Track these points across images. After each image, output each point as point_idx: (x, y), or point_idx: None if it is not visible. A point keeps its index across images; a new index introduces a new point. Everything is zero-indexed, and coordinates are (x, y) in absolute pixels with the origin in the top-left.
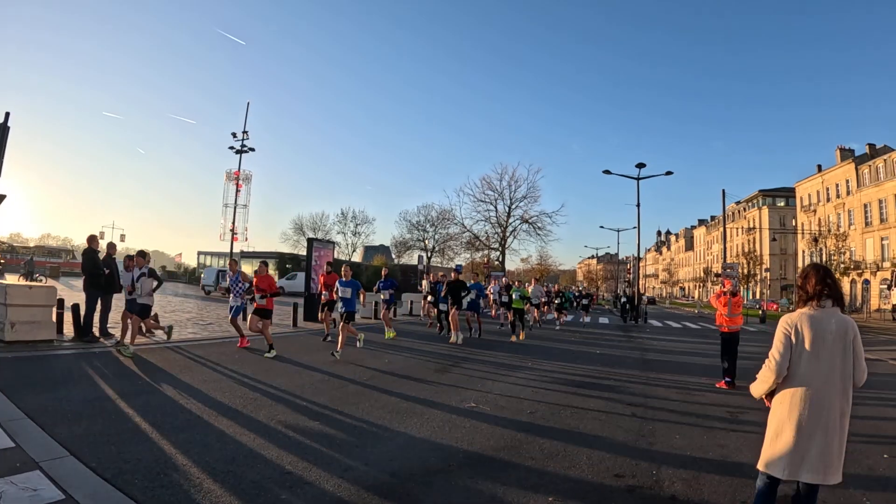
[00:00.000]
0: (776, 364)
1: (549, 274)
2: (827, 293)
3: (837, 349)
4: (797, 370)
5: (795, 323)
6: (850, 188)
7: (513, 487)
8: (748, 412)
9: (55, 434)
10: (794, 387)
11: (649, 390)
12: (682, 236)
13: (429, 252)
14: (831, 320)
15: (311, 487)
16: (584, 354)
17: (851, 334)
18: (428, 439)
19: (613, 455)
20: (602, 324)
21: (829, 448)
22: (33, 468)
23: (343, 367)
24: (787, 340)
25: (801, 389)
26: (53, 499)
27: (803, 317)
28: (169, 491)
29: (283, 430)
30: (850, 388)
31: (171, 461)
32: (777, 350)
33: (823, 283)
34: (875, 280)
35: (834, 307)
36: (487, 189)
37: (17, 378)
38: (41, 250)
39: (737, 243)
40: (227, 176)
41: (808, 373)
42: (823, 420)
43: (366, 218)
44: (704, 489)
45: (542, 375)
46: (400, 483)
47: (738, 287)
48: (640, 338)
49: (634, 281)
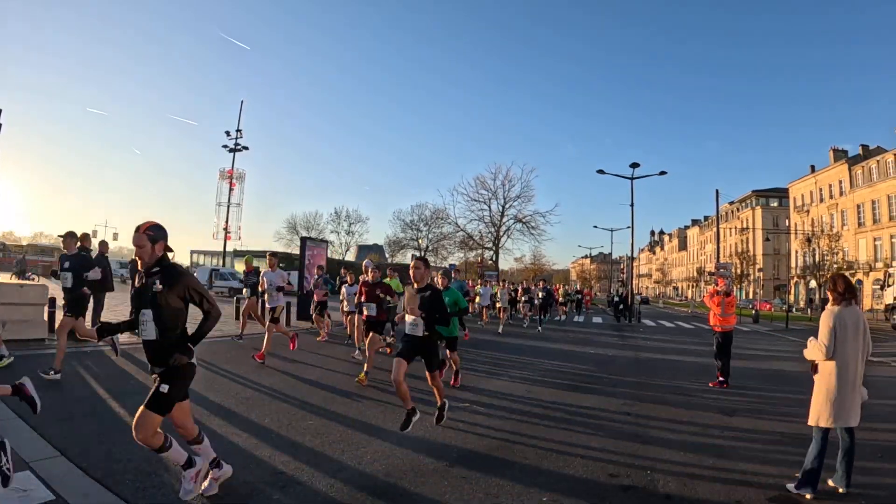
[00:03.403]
0: (825, 347)
1: (543, 273)
2: (851, 294)
3: (860, 333)
4: (840, 349)
5: (836, 317)
6: (844, 189)
7: (507, 487)
8: (742, 412)
9: (46, 434)
10: (838, 361)
11: (643, 390)
12: (675, 236)
13: (422, 251)
14: (857, 314)
15: (303, 487)
16: (577, 354)
17: (865, 323)
18: (422, 438)
19: (608, 454)
20: (596, 323)
21: (859, 400)
22: (23, 468)
23: (336, 367)
24: (832, 331)
25: (843, 363)
26: (44, 499)
27: (842, 312)
28: (160, 491)
29: (276, 429)
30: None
31: (162, 461)
32: (825, 336)
33: (850, 288)
34: (868, 280)
35: (854, 304)
36: (481, 188)
37: (8, 377)
38: (34, 249)
39: (730, 243)
40: (221, 174)
41: (846, 351)
42: (857, 382)
43: (359, 217)
44: (699, 488)
45: (536, 375)
46: (393, 483)
47: (731, 287)
48: (633, 337)
49: (628, 281)
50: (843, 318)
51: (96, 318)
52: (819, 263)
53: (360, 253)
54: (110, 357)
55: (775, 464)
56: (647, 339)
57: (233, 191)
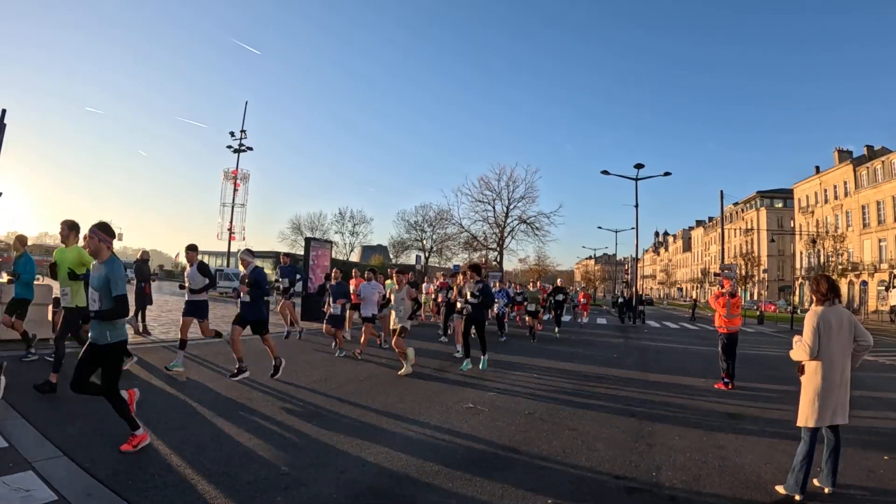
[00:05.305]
0: (809, 347)
1: (548, 274)
2: (834, 295)
3: (845, 332)
4: (825, 349)
5: (820, 317)
6: (848, 190)
7: (511, 489)
8: (747, 413)
9: (49, 434)
10: (824, 360)
11: (648, 391)
12: (679, 237)
13: (426, 252)
14: (840, 313)
15: (306, 489)
16: (581, 355)
17: (851, 320)
18: (425, 440)
19: (613, 456)
20: (600, 324)
21: (846, 398)
22: (26, 468)
23: (340, 368)
24: (816, 330)
25: (828, 362)
26: (46, 499)
27: (826, 312)
28: (163, 492)
29: (280, 430)
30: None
31: (166, 462)
32: (809, 336)
33: (833, 288)
34: (872, 282)
35: (838, 304)
36: (485, 189)
37: (12, 377)
38: (38, 249)
39: (735, 244)
40: (225, 175)
41: (830, 350)
42: (844, 380)
43: (364, 218)
44: (704, 490)
45: (541, 376)
46: (396, 484)
47: (736, 288)
48: (637, 338)
49: (632, 282)
50: (828, 318)
51: None
52: (823, 265)
53: (364, 254)
54: None
55: (781, 465)
56: (652, 340)
57: (237, 191)
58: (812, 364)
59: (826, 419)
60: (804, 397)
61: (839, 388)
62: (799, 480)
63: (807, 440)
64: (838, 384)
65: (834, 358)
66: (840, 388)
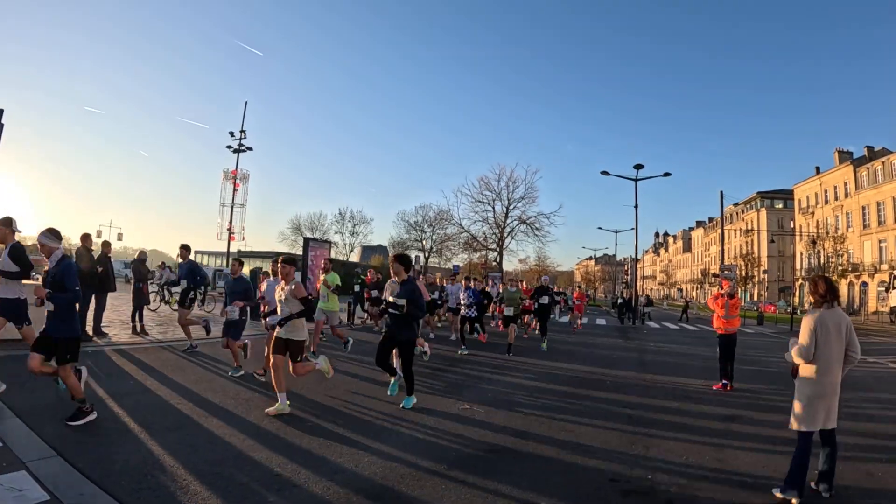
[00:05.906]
0: (806, 350)
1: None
2: (833, 296)
3: (841, 336)
4: (822, 352)
5: (818, 320)
6: (849, 190)
7: (506, 491)
8: (745, 416)
9: (43, 434)
10: (819, 364)
11: (645, 393)
12: (679, 238)
13: (426, 252)
14: (838, 316)
15: (299, 490)
16: (579, 355)
17: (847, 325)
18: (420, 441)
19: (609, 459)
20: (599, 325)
21: (837, 402)
22: (20, 468)
23: (336, 369)
24: (813, 333)
25: (824, 366)
26: (39, 499)
27: (823, 315)
28: (155, 493)
29: (274, 431)
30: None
31: (159, 463)
32: (806, 339)
33: (831, 290)
34: (873, 282)
35: (837, 306)
36: (485, 189)
37: (7, 376)
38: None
39: (735, 245)
40: (225, 175)
41: (827, 354)
42: (837, 384)
43: (364, 218)
44: (700, 494)
45: (538, 377)
46: (390, 486)
47: (735, 288)
48: (636, 339)
49: (632, 282)
50: (825, 321)
51: (98, 318)
52: (824, 265)
53: (364, 254)
54: (110, 357)
55: (778, 468)
56: (651, 341)
57: (237, 191)
58: (807, 368)
59: (818, 423)
60: (797, 401)
61: (833, 393)
62: (797, 483)
63: (802, 443)
64: (832, 389)
65: (830, 362)
66: (834, 394)
